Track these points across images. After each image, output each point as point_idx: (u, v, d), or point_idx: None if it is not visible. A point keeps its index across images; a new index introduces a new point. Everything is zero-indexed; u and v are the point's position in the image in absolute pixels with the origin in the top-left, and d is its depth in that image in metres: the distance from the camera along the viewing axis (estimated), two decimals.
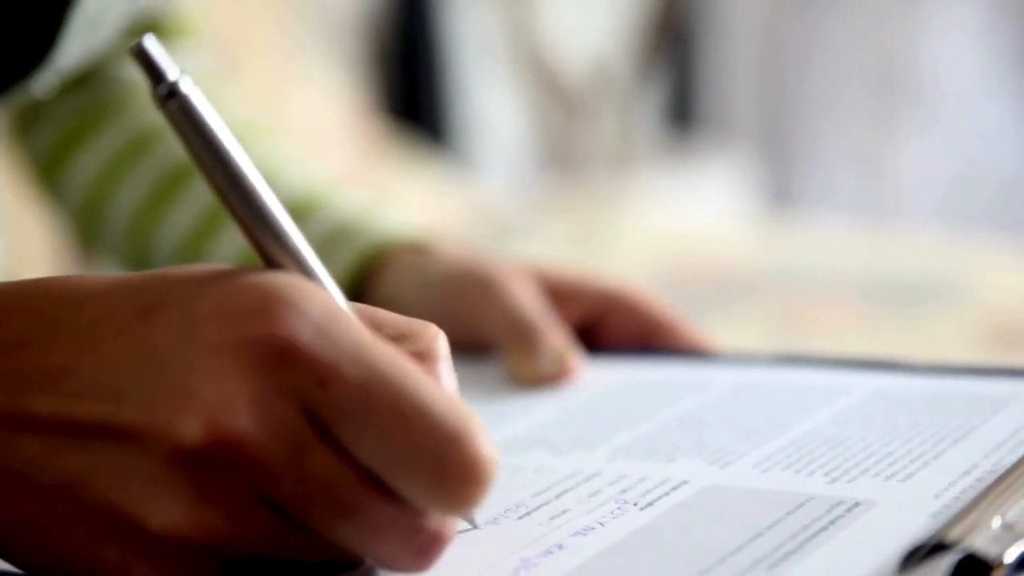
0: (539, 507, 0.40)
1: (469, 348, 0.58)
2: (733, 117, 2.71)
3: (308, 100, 1.63)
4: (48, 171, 0.72)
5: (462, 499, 0.33)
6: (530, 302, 0.56)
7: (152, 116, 0.68)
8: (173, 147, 0.67)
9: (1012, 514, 0.35)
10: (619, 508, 0.39)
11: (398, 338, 0.36)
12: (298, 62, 1.65)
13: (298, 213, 0.63)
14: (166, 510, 0.33)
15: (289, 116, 1.57)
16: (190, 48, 0.73)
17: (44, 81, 0.56)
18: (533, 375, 0.54)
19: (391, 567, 0.35)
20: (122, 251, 0.69)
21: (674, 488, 0.41)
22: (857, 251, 1.52)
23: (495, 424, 0.50)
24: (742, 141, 2.64)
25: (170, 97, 0.34)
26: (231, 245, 0.65)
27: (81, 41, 0.55)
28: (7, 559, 0.35)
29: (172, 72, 0.34)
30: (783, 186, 2.67)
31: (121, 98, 0.70)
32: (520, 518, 0.39)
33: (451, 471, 0.33)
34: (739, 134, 2.67)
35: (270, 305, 0.33)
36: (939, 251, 1.49)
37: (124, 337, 0.34)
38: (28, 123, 0.72)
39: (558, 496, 0.41)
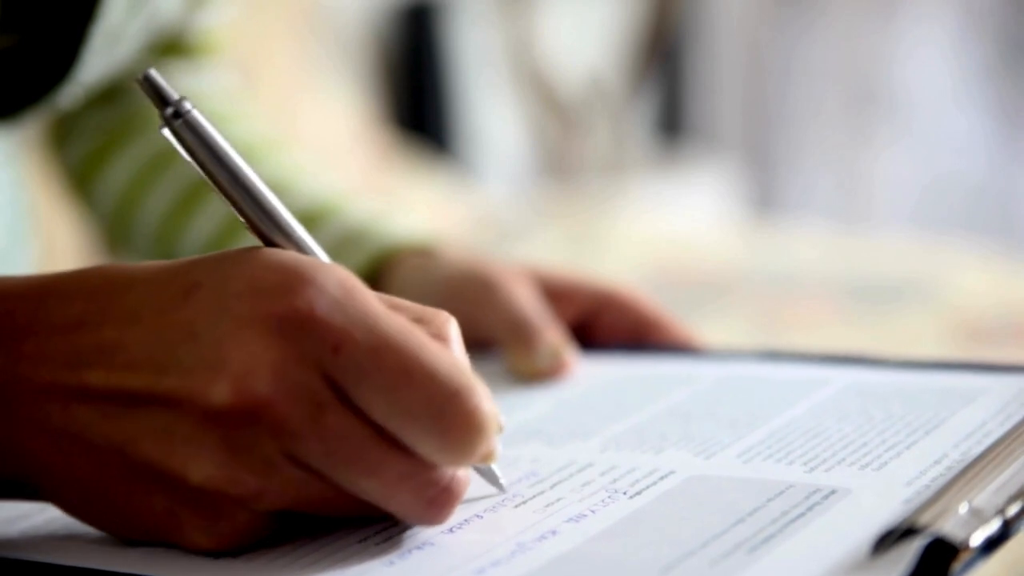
0: (535, 496, 0.40)
1: (471, 345, 0.57)
2: (719, 128, 2.71)
3: (321, 113, 1.63)
4: (81, 181, 0.72)
5: (464, 449, 0.35)
6: (528, 302, 0.56)
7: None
8: None
9: (979, 500, 0.34)
10: (610, 496, 0.39)
11: (413, 321, 0.37)
12: (312, 78, 1.65)
13: (313, 219, 0.63)
14: (202, 465, 0.35)
15: (303, 128, 1.57)
16: (212, 66, 0.73)
17: (69, 95, 0.56)
18: (531, 370, 0.54)
19: (407, 519, 0.37)
20: (149, 256, 0.69)
21: (661, 477, 0.40)
22: (835, 254, 1.52)
23: None
24: (727, 150, 2.64)
25: (176, 117, 0.37)
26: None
27: (102, 56, 0.55)
28: (72, 514, 0.38)
29: (176, 95, 0.37)
30: (766, 193, 2.66)
31: (146, 113, 0.70)
32: (517, 506, 0.39)
33: (452, 423, 0.35)
34: (724, 144, 2.67)
35: (291, 281, 0.35)
36: (912, 254, 1.48)
37: (166, 315, 0.36)
38: (61, 136, 0.72)
39: (552, 486, 0.41)
